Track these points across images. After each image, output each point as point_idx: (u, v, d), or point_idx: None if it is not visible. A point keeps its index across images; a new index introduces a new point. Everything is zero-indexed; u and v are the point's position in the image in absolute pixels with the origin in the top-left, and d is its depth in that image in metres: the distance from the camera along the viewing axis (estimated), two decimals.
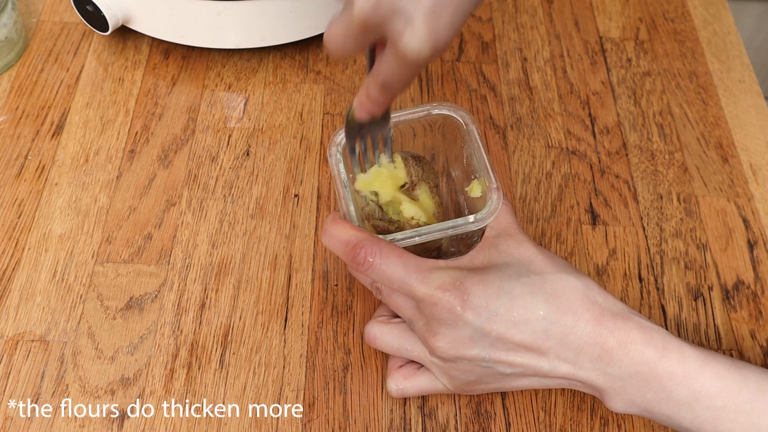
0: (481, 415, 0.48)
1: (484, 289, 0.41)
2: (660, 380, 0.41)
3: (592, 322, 0.41)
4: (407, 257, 0.42)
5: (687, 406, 0.41)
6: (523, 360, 0.42)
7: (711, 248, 0.56)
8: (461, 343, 0.42)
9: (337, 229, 0.43)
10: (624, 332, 0.41)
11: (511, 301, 0.41)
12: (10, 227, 0.53)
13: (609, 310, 0.42)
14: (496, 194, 0.45)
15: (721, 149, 0.62)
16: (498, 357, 0.42)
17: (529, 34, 0.69)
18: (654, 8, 0.72)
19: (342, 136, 0.47)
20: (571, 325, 0.41)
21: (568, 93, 0.65)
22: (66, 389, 0.47)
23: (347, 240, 0.42)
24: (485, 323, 0.41)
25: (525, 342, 0.41)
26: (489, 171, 0.46)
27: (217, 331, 0.50)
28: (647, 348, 0.41)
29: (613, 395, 0.42)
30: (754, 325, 0.53)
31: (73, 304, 0.50)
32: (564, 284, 0.42)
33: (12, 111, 0.59)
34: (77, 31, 0.65)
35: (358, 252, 0.42)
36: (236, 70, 0.64)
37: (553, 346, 0.41)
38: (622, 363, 0.41)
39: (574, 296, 0.42)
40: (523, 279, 0.42)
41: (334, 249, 0.43)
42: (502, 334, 0.41)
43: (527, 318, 0.41)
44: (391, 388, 0.46)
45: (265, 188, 0.57)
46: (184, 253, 0.53)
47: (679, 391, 0.40)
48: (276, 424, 0.46)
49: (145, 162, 0.57)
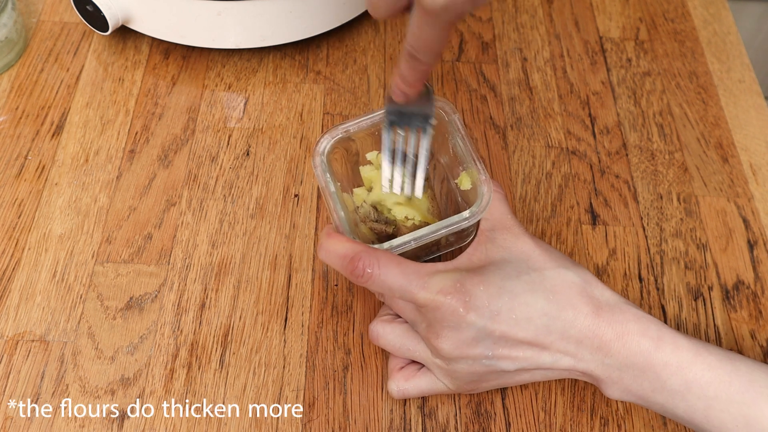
0: (481, 415, 0.48)
1: (485, 290, 0.42)
2: (655, 370, 0.42)
3: (591, 316, 0.42)
4: (405, 264, 0.42)
5: (680, 396, 0.42)
6: (526, 355, 0.42)
7: (711, 248, 0.56)
8: (465, 343, 0.42)
9: (332, 244, 0.43)
10: (621, 324, 0.42)
11: (512, 299, 0.42)
12: (10, 227, 0.53)
13: (606, 302, 0.43)
14: (486, 186, 0.44)
15: (721, 149, 0.62)
16: (501, 354, 0.42)
17: (529, 34, 0.69)
18: (654, 8, 0.72)
19: (325, 143, 0.47)
20: (571, 319, 0.42)
21: (568, 93, 0.65)
22: (66, 389, 0.47)
23: (344, 253, 0.42)
24: (488, 323, 0.41)
25: (528, 339, 0.42)
26: (475, 161, 0.45)
27: (217, 331, 0.50)
28: (643, 339, 0.42)
29: (610, 384, 0.43)
30: (754, 325, 0.53)
31: (73, 304, 0.50)
32: (563, 280, 0.43)
33: (12, 111, 0.59)
34: (77, 31, 0.65)
35: (356, 265, 0.42)
36: (236, 70, 0.64)
37: (555, 340, 0.42)
38: (619, 354, 0.42)
39: (572, 291, 0.42)
40: (523, 277, 0.42)
41: (332, 263, 0.43)
42: (505, 333, 0.41)
43: (529, 315, 0.42)
44: (393, 390, 0.46)
45: (265, 188, 0.57)
46: (184, 253, 0.53)
47: (672, 380, 0.42)
48: (276, 424, 0.46)
49: (145, 162, 0.57)
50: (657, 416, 0.48)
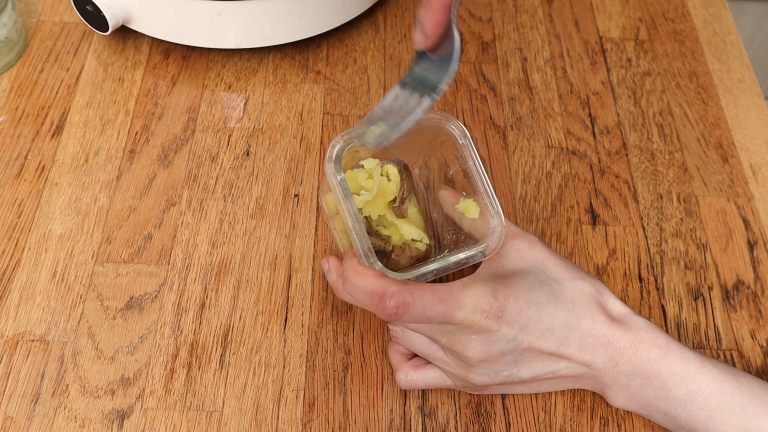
0: (481, 415, 0.48)
1: (515, 302, 0.42)
2: (661, 378, 0.43)
3: (607, 324, 0.43)
4: (437, 289, 0.41)
5: (683, 405, 0.43)
6: (545, 366, 0.44)
7: (711, 248, 0.56)
8: (493, 355, 0.43)
9: (360, 280, 0.41)
10: (633, 333, 0.43)
11: (539, 311, 0.43)
12: (10, 227, 0.53)
13: (618, 313, 0.44)
14: (498, 220, 0.44)
15: (721, 149, 0.62)
16: (524, 364, 0.44)
17: (529, 34, 0.69)
18: (654, 8, 0.72)
19: (339, 147, 0.43)
20: (589, 329, 0.43)
21: (568, 93, 0.65)
22: (66, 389, 0.47)
23: (372, 290, 0.40)
24: (518, 335, 0.42)
25: (550, 349, 0.43)
26: (491, 195, 0.44)
27: (217, 331, 0.50)
28: (653, 347, 0.43)
29: (617, 391, 0.44)
30: (754, 325, 0.53)
31: (73, 304, 0.50)
32: (580, 291, 0.44)
33: (12, 111, 0.59)
34: (77, 31, 0.65)
35: (388, 302, 0.40)
36: (236, 70, 0.64)
37: (574, 351, 0.43)
38: (630, 361, 0.43)
39: (590, 302, 0.44)
40: (546, 288, 0.44)
41: (360, 300, 0.41)
42: (531, 344, 0.43)
43: (552, 326, 0.43)
44: (401, 380, 0.47)
45: (265, 188, 0.57)
46: (184, 253, 0.53)
47: (677, 390, 0.43)
48: (276, 424, 0.46)
49: (145, 162, 0.57)
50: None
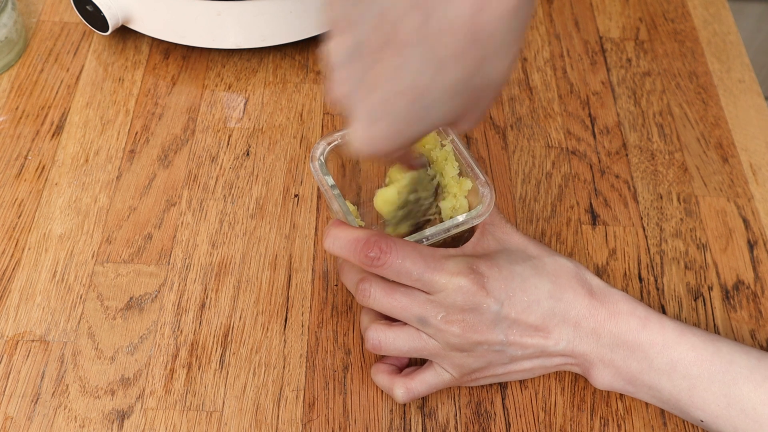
0: (481, 415, 0.48)
1: (499, 272, 0.44)
2: (642, 349, 0.44)
3: (587, 297, 0.45)
4: (420, 247, 0.43)
5: (666, 375, 0.44)
6: (533, 341, 0.44)
7: (711, 248, 0.56)
8: (483, 326, 0.43)
9: (342, 231, 0.43)
10: (613, 304, 0.45)
11: (523, 282, 0.44)
12: (10, 227, 0.53)
13: (597, 286, 0.46)
14: (488, 188, 0.46)
15: (721, 149, 0.62)
16: (513, 339, 0.44)
17: (529, 34, 0.69)
18: (654, 8, 0.72)
19: (321, 148, 0.47)
20: (571, 301, 0.45)
21: (568, 93, 0.65)
22: (66, 389, 0.47)
23: (356, 238, 0.42)
24: (504, 306, 0.43)
25: (536, 323, 0.44)
26: (475, 168, 0.47)
27: (217, 331, 0.50)
28: (632, 318, 0.44)
29: (602, 368, 0.45)
30: (754, 325, 0.53)
31: (73, 304, 0.50)
32: (560, 265, 0.46)
33: (12, 111, 0.59)
34: (77, 31, 0.65)
35: (371, 248, 0.41)
36: (236, 70, 0.64)
37: (557, 324, 0.44)
38: (611, 333, 0.44)
39: (570, 275, 0.45)
40: (528, 262, 0.45)
41: (341, 250, 0.42)
42: (518, 316, 0.44)
43: (537, 298, 0.44)
44: (400, 395, 0.46)
45: (265, 188, 0.57)
46: (184, 253, 0.53)
47: (658, 359, 0.44)
48: (276, 424, 0.46)
49: (145, 162, 0.57)
50: (657, 416, 0.48)
